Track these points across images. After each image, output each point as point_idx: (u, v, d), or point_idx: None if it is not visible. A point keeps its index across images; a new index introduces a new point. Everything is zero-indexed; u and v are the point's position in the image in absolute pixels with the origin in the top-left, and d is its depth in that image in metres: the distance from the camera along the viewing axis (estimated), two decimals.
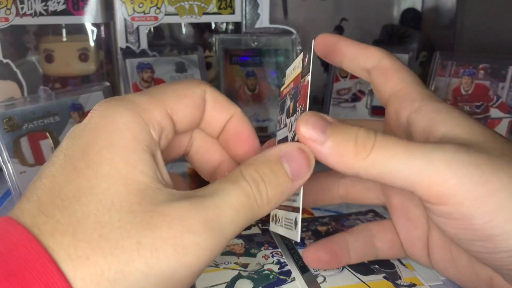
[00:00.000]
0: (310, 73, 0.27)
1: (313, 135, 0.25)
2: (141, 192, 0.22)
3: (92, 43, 0.62)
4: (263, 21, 0.65)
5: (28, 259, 0.19)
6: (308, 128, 0.25)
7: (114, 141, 0.22)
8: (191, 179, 0.59)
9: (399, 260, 0.39)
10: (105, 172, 0.21)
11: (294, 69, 0.32)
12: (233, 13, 0.63)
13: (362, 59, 0.31)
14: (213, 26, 0.64)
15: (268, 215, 0.29)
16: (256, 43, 0.64)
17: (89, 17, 0.60)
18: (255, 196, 0.23)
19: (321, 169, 0.30)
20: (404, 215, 0.34)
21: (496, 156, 0.24)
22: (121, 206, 0.21)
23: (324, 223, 0.46)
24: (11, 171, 0.45)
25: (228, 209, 0.22)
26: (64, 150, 0.23)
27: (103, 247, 0.20)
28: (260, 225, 0.46)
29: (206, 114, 0.28)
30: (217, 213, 0.22)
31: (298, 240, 0.26)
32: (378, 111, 0.62)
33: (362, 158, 0.24)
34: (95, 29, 0.61)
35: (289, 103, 0.31)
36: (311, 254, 0.36)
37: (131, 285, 0.20)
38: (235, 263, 0.39)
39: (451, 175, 0.24)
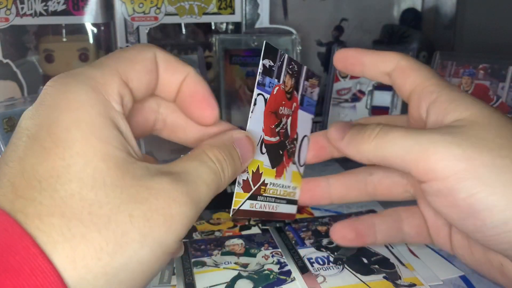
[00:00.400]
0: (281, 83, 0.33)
1: (336, 135, 0.33)
2: (120, 167, 0.22)
3: (92, 43, 0.62)
4: (263, 21, 0.65)
5: (10, 244, 0.19)
6: (333, 131, 0.33)
7: (81, 118, 0.22)
8: None
9: (399, 260, 0.39)
10: (79, 150, 0.22)
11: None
12: (233, 13, 0.63)
13: (381, 65, 0.34)
14: (213, 26, 0.64)
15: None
16: (256, 43, 0.64)
17: (89, 17, 0.60)
18: (220, 174, 0.26)
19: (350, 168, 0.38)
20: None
21: (483, 138, 0.27)
22: (104, 182, 0.22)
23: (324, 223, 0.46)
24: None
25: (203, 184, 0.25)
26: (25, 131, 0.22)
27: (96, 223, 0.21)
28: (260, 225, 0.46)
29: (160, 77, 0.28)
30: (194, 187, 0.24)
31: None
32: (378, 111, 0.62)
33: (368, 142, 0.30)
34: (95, 29, 0.61)
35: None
36: (338, 232, 0.37)
37: (130, 255, 0.21)
38: (235, 263, 0.39)
39: (434, 152, 0.27)
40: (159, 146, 0.58)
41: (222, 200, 0.53)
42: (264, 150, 0.32)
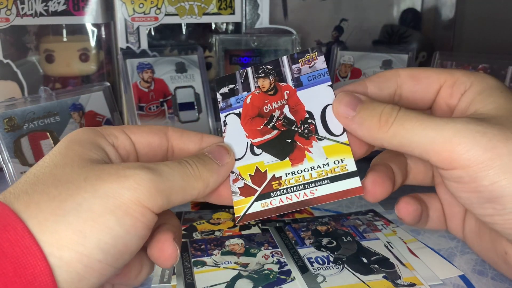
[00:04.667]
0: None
1: (344, 112, 0.31)
2: (93, 161, 0.27)
3: (92, 44, 0.62)
4: (263, 22, 0.65)
5: None
6: (340, 106, 0.31)
7: (72, 138, 0.29)
8: None
9: (398, 260, 0.39)
10: (63, 151, 0.28)
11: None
12: (233, 13, 0.64)
13: (385, 86, 0.33)
14: (213, 26, 0.65)
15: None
16: (256, 43, 0.64)
17: (90, 18, 0.60)
18: (189, 169, 0.29)
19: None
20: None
21: (509, 129, 0.27)
22: (73, 165, 0.26)
23: (324, 223, 0.46)
24: (11, 171, 0.45)
25: (163, 165, 0.28)
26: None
27: (55, 183, 0.25)
28: (260, 225, 0.46)
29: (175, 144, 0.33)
30: (155, 165, 0.27)
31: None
32: None
33: (384, 131, 0.29)
34: (95, 30, 0.61)
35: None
36: (404, 207, 0.36)
37: (79, 202, 0.25)
38: (235, 262, 0.39)
39: (459, 142, 0.27)
40: None
41: None
42: (258, 151, 0.33)
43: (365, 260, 0.39)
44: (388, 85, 0.33)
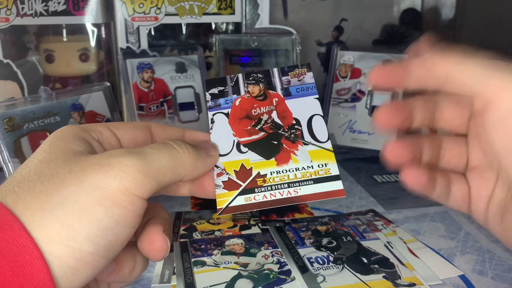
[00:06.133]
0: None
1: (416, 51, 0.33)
2: (76, 154, 0.27)
3: (92, 43, 0.62)
4: (263, 22, 0.65)
5: None
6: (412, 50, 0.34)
7: (57, 135, 0.29)
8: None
9: (398, 260, 0.39)
10: (47, 148, 0.28)
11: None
12: (233, 13, 0.64)
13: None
14: (213, 26, 0.65)
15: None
16: (256, 43, 0.64)
17: (90, 18, 0.60)
18: (177, 148, 0.29)
19: None
20: (480, 174, 0.35)
21: None
22: (57, 160, 0.26)
23: (324, 223, 0.46)
24: (11, 171, 0.45)
25: (149, 148, 0.28)
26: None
27: (41, 177, 0.25)
28: (260, 225, 0.46)
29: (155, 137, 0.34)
30: (139, 150, 0.28)
31: None
32: None
33: (444, 63, 0.30)
34: (95, 29, 0.61)
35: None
36: (413, 175, 0.35)
37: (66, 195, 0.24)
38: (235, 262, 0.39)
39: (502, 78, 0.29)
40: None
41: None
42: (244, 149, 0.36)
43: (365, 260, 0.39)
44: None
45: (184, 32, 0.64)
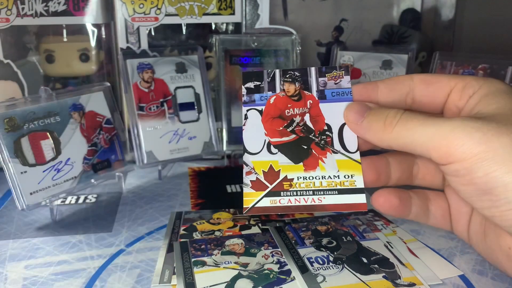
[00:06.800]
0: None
1: (354, 118, 0.34)
2: None
3: (92, 44, 0.62)
4: (263, 22, 0.65)
5: None
6: (350, 113, 0.34)
7: None
8: (191, 179, 0.59)
9: (398, 260, 0.39)
10: None
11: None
12: (233, 13, 0.64)
13: (397, 88, 0.35)
14: (213, 26, 0.65)
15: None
16: (256, 44, 0.64)
17: (90, 18, 0.61)
18: None
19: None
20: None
21: (504, 125, 0.29)
22: None
23: (324, 223, 0.46)
24: (11, 171, 0.45)
25: None
26: None
27: None
28: (260, 225, 0.46)
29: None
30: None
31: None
32: None
33: (389, 132, 0.32)
34: (95, 30, 0.61)
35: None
36: (382, 197, 0.37)
37: None
38: (235, 262, 0.39)
39: (455, 137, 0.29)
40: (159, 146, 0.58)
41: (222, 200, 0.53)
42: (274, 150, 0.35)
43: (365, 260, 0.39)
44: (400, 87, 0.35)
45: (184, 32, 0.64)
